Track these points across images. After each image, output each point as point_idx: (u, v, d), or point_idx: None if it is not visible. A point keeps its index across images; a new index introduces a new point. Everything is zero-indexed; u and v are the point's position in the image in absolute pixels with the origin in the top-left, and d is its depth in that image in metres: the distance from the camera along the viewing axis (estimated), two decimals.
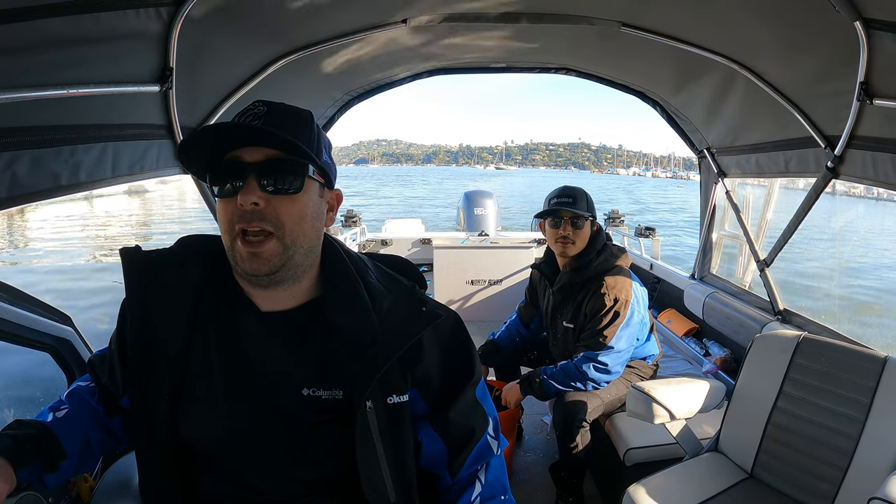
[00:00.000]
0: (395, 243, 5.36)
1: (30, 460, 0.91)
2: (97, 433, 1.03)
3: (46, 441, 0.95)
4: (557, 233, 2.32)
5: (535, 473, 2.60)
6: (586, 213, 2.30)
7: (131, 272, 0.96)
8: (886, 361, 1.64)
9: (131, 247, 0.99)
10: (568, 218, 2.29)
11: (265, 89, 2.04)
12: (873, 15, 1.36)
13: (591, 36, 2.25)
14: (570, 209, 2.28)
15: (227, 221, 0.86)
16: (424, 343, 1.00)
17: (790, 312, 2.58)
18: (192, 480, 0.97)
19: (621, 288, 2.23)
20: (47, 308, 1.53)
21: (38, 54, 1.08)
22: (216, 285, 0.97)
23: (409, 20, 1.99)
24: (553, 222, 2.33)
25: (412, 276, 1.09)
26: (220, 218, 0.87)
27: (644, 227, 4.67)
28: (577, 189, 2.37)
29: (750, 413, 1.88)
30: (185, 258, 0.98)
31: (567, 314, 2.38)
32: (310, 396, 0.94)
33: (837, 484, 1.61)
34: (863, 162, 1.82)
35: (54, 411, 1.01)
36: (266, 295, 0.95)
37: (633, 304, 2.24)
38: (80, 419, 1.01)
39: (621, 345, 2.21)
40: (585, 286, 2.30)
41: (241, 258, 0.86)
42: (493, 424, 1.10)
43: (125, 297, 0.97)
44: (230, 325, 0.95)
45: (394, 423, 0.97)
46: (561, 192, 2.36)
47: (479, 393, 1.09)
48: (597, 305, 2.23)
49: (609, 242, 2.43)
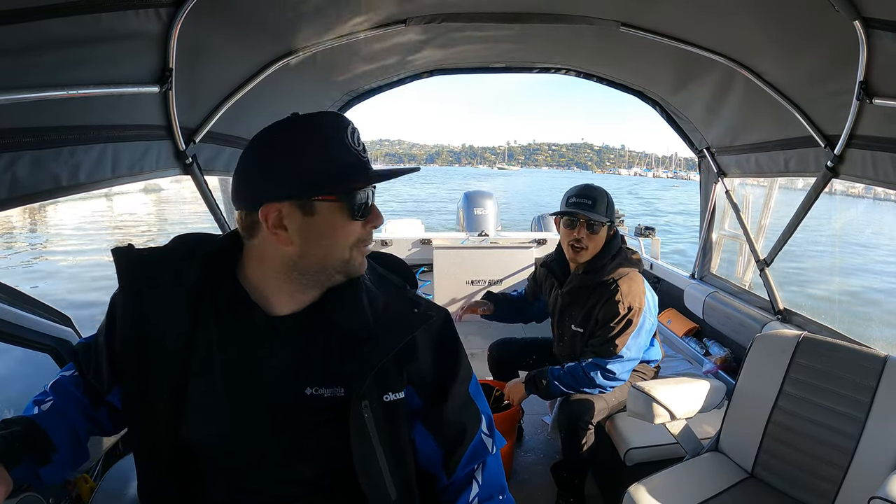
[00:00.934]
0: (395, 243, 5.36)
1: (22, 457, 0.90)
2: (84, 424, 1.02)
3: (34, 435, 0.94)
4: (571, 234, 2.23)
5: (535, 473, 2.59)
6: (604, 219, 2.20)
7: (125, 272, 0.95)
8: (887, 361, 1.64)
9: (123, 246, 0.98)
10: (584, 221, 2.20)
11: (265, 90, 2.04)
12: (873, 14, 1.36)
13: (590, 36, 2.25)
14: (588, 213, 2.18)
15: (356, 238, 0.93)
16: (418, 341, 1.01)
17: (790, 312, 2.57)
18: (192, 482, 0.96)
19: (636, 295, 2.18)
20: (47, 309, 1.53)
21: (37, 55, 1.08)
22: (215, 287, 0.96)
23: (409, 21, 1.99)
24: (568, 222, 2.24)
25: (403, 274, 1.11)
26: (343, 231, 0.91)
27: (644, 227, 4.66)
28: (598, 190, 2.25)
29: (750, 413, 1.88)
30: (180, 257, 0.97)
31: (577, 317, 2.32)
32: (312, 395, 0.95)
33: (838, 483, 1.61)
34: (863, 161, 1.82)
35: (39, 404, 1.01)
36: (276, 298, 0.95)
37: (645, 312, 2.20)
38: (66, 410, 1.00)
39: (631, 353, 2.18)
40: (598, 290, 2.23)
41: (359, 265, 0.96)
42: (486, 422, 1.11)
43: (119, 296, 0.96)
44: (234, 327, 0.95)
45: (391, 421, 0.98)
46: (581, 192, 2.24)
47: (472, 390, 1.10)
48: (610, 312, 2.18)
49: (624, 246, 2.33)
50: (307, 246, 0.90)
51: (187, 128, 1.83)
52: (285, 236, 0.89)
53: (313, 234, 0.89)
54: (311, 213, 0.88)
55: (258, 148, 0.91)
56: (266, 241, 0.91)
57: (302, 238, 0.89)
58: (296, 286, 0.95)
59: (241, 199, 0.92)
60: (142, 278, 0.95)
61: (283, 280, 0.94)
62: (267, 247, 0.92)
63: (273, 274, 0.94)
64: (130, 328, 0.93)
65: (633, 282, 2.21)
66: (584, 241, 2.21)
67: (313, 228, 0.89)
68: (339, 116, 0.92)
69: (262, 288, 0.95)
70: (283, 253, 0.91)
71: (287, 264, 0.92)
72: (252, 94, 1.99)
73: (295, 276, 0.93)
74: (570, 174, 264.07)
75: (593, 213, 2.18)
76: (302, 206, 0.87)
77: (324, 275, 0.94)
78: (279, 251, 0.91)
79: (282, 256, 0.91)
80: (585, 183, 2.32)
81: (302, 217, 0.88)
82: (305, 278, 0.94)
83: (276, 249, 0.91)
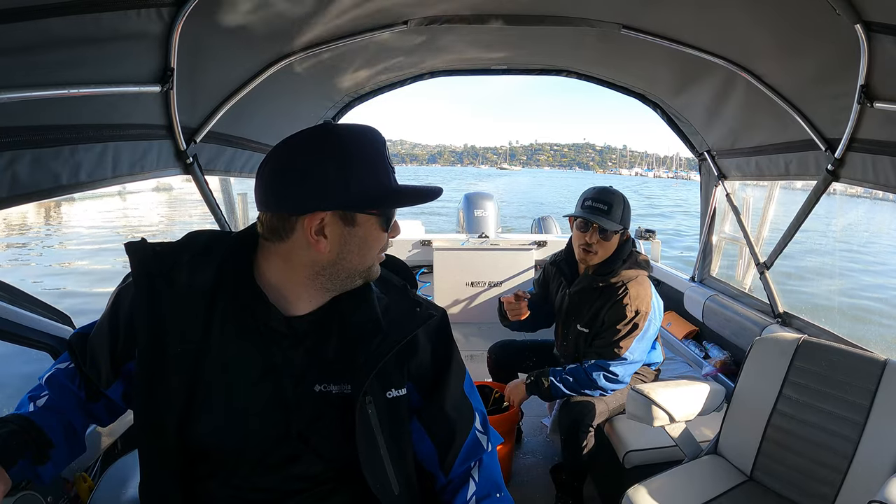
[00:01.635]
0: (395, 244, 5.36)
1: (18, 457, 0.90)
2: (81, 418, 1.02)
3: (30, 433, 0.93)
4: (583, 237, 2.22)
5: (534, 475, 2.59)
6: (618, 227, 2.18)
7: (139, 267, 0.94)
8: (886, 364, 1.64)
9: (137, 240, 0.97)
10: (597, 227, 2.18)
11: (266, 91, 2.05)
12: (874, 18, 1.36)
13: (591, 38, 2.25)
14: (602, 220, 2.16)
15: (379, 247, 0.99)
16: (419, 338, 1.05)
17: (790, 315, 2.57)
18: (196, 480, 0.97)
19: (644, 299, 2.19)
20: (47, 308, 1.53)
21: (39, 54, 1.08)
22: (231, 285, 0.95)
23: (409, 22, 1.99)
24: (581, 225, 2.23)
25: (403, 274, 1.13)
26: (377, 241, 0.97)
27: (644, 230, 4.66)
28: (616, 195, 2.23)
29: (749, 416, 1.88)
30: (194, 254, 0.96)
31: (583, 318, 2.32)
32: (321, 392, 0.97)
33: (837, 487, 1.61)
34: (863, 165, 1.82)
35: (34, 400, 1.00)
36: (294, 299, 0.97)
37: (650, 317, 2.20)
38: (62, 405, 1.00)
39: (635, 356, 2.18)
40: (606, 292, 2.24)
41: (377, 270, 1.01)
42: (480, 419, 1.13)
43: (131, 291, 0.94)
44: (250, 327, 0.95)
45: (394, 417, 1.01)
46: (597, 196, 2.22)
47: (466, 388, 1.13)
48: (618, 315, 2.18)
49: (635, 250, 2.34)
50: (344, 254, 0.93)
51: (188, 127, 1.84)
52: (325, 244, 0.91)
53: (350, 244, 0.93)
54: (351, 225, 0.92)
55: (298, 155, 0.90)
56: (299, 245, 0.92)
57: (340, 247, 0.92)
58: (318, 290, 0.97)
59: (278, 204, 0.91)
60: (156, 273, 0.94)
61: (307, 283, 0.95)
62: (298, 250, 0.92)
63: (297, 277, 0.95)
64: (142, 324, 0.92)
65: (641, 286, 2.22)
66: (594, 246, 2.21)
67: (351, 239, 0.92)
68: (379, 133, 0.96)
69: (281, 288, 0.96)
70: (316, 259, 0.92)
71: (316, 269, 0.94)
72: (253, 94, 1.99)
73: (321, 280, 0.95)
74: (572, 174, 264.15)
75: (607, 220, 2.17)
76: (344, 218, 0.91)
77: (349, 281, 0.97)
78: (313, 257, 0.92)
79: (314, 261, 0.93)
80: (603, 186, 2.30)
81: (343, 227, 0.91)
82: (331, 283, 0.96)
83: (310, 255, 0.92)
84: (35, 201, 1.24)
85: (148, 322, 0.92)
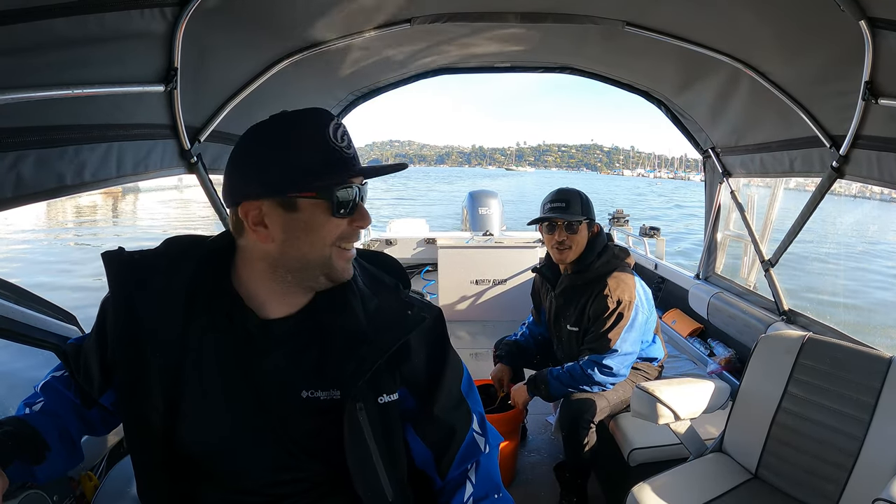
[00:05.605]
0: (400, 243, 5.36)
1: (14, 457, 0.90)
2: (76, 424, 1.02)
3: (26, 434, 0.93)
4: (553, 238, 2.28)
5: (539, 473, 2.59)
6: (580, 218, 2.26)
7: (114, 276, 0.94)
8: (891, 362, 1.63)
9: (114, 249, 0.97)
10: (562, 224, 2.27)
11: (270, 89, 2.05)
12: (878, 14, 1.35)
13: (595, 35, 2.25)
14: (563, 215, 2.25)
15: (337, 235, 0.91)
16: (411, 342, 1.01)
17: (795, 313, 2.56)
18: (189, 484, 0.97)
19: (624, 289, 2.21)
20: (53, 307, 1.54)
21: (42, 54, 1.09)
22: (209, 289, 0.95)
23: (413, 20, 1.99)
24: (548, 227, 2.31)
25: (396, 273, 1.10)
26: (324, 227, 0.89)
27: (648, 227, 4.66)
28: (570, 191, 2.34)
29: (754, 414, 1.87)
30: (171, 261, 0.96)
31: (571, 317, 2.36)
32: (309, 398, 0.95)
33: (842, 485, 1.61)
34: (868, 161, 1.81)
35: (30, 406, 1.00)
36: (267, 301, 0.95)
37: (637, 305, 2.22)
38: (57, 410, 1.00)
39: (626, 347, 2.19)
40: (587, 288, 2.28)
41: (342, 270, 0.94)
42: (477, 420, 1.10)
43: (110, 301, 0.95)
44: (229, 332, 0.94)
45: (386, 423, 0.98)
46: (554, 197, 2.32)
47: (464, 388, 1.10)
48: (600, 308, 2.21)
49: (610, 243, 2.39)
50: (288, 242, 0.89)
51: (192, 127, 1.84)
52: (265, 233, 0.88)
53: (294, 231, 0.88)
54: (292, 210, 0.87)
55: (240, 146, 0.92)
56: (251, 239, 0.91)
57: (283, 235, 0.88)
58: (282, 287, 0.94)
59: (227, 199, 0.92)
60: (132, 281, 0.93)
61: (270, 280, 0.93)
62: (251, 245, 0.92)
63: (260, 274, 0.93)
64: (122, 332, 0.92)
65: (620, 276, 2.25)
66: (566, 241, 2.27)
67: (294, 225, 0.88)
68: (322, 113, 0.90)
69: (254, 290, 0.95)
70: (265, 250, 0.90)
71: (270, 263, 0.91)
72: (257, 93, 1.99)
73: (280, 275, 0.92)
74: (581, 175, 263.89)
75: (568, 215, 2.25)
76: (283, 204, 0.87)
77: (306, 274, 0.92)
78: (261, 249, 0.90)
79: (266, 254, 0.91)
80: (559, 187, 2.39)
81: (283, 214, 0.87)
82: (293, 277, 0.92)
83: (259, 247, 0.91)
84: (39, 202, 1.24)
85: (126, 329, 0.92)
